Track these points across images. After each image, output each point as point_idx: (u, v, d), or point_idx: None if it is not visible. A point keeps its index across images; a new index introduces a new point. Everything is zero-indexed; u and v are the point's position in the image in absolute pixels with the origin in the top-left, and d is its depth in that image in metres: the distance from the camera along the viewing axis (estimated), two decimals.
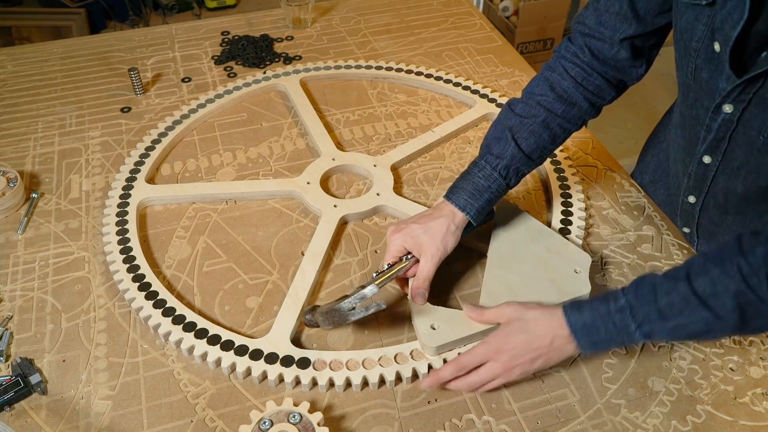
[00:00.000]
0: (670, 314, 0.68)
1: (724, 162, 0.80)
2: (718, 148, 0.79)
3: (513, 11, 2.88)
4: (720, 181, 0.82)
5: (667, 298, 0.68)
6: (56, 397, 0.76)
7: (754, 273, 0.64)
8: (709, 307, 0.66)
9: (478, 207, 0.84)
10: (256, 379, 0.78)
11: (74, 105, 1.24)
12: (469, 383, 0.74)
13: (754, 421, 0.74)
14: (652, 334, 0.69)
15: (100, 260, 0.93)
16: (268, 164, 1.10)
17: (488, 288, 0.84)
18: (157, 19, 3.10)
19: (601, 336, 0.71)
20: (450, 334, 0.78)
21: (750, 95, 0.72)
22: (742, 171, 0.78)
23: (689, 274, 0.68)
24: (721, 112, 0.76)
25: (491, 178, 0.84)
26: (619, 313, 0.70)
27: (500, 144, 0.85)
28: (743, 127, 0.75)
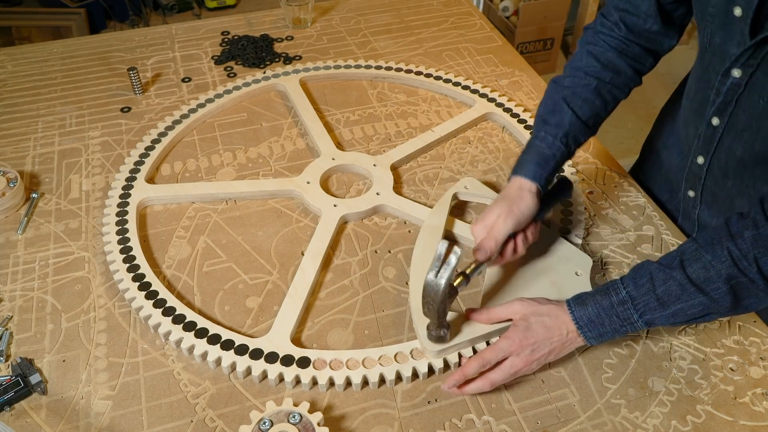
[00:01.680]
0: (669, 301, 0.72)
1: (730, 124, 0.82)
2: (725, 110, 0.82)
3: (513, 11, 2.88)
4: (725, 142, 0.85)
5: (664, 286, 0.73)
6: (56, 397, 0.76)
7: (743, 257, 0.69)
8: (705, 292, 0.71)
9: (547, 174, 0.86)
10: (256, 378, 0.78)
11: (74, 105, 1.24)
12: (492, 380, 0.75)
13: (754, 421, 0.74)
14: (653, 322, 0.74)
15: (100, 260, 0.93)
16: (268, 164, 1.10)
17: (488, 291, 0.84)
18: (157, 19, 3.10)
19: (606, 328, 0.75)
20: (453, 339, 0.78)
21: (758, 60, 0.74)
22: (745, 134, 0.81)
23: (683, 262, 0.73)
24: (730, 77, 0.78)
25: (554, 147, 0.87)
26: (621, 306, 0.74)
27: (556, 115, 0.88)
28: (749, 92, 0.77)
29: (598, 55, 0.90)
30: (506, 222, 0.81)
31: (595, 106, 0.89)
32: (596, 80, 0.89)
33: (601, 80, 0.89)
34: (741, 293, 0.71)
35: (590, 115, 0.89)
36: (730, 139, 0.83)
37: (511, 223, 0.81)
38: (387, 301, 0.87)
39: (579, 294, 0.77)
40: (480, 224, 0.82)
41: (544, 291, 0.83)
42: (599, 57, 0.90)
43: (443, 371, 0.79)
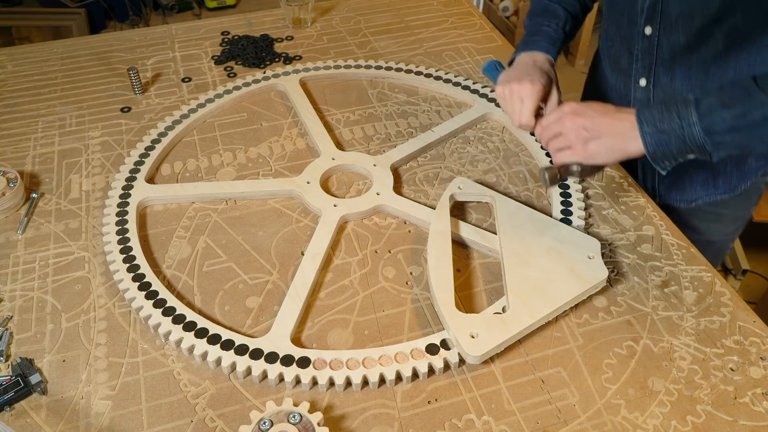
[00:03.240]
0: (732, 103, 0.72)
1: (663, 22, 0.87)
2: (655, 11, 0.87)
3: (513, 11, 2.88)
4: (664, 43, 0.90)
5: (731, 90, 0.73)
6: (56, 397, 0.76)
7: None
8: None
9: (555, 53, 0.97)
10: (256, 378, 0.78)
11: (74, 105, 1.24)
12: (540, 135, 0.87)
13: (754, 421, 0.74)
14: (713, 128, 0.73)
15: (100, 260, 0.93)
16: (268, 164, 1.10)
17: (513, 287, 0.84)
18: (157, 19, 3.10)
19: (664, 126, 0.75)
20: (491, 341, 0.78)
21: None
22: (680, 22, 0.85)
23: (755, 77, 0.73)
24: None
25: (558, 32, 1.00)
26: (684, 105, 0.74)
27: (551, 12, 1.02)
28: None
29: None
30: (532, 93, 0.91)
31: (576, 8, 1.04)
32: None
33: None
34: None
35: (575, 13, 1.03)
36: (667, 37, 0.88)
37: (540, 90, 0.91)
38: (387, 301, 0.87)
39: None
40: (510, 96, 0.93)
41: (564, 279, 0.84)
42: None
43: (443, 371, 0.79)
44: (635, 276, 0.90)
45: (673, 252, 0.93)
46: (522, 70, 0.94)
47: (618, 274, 0.91)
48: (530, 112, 0.92)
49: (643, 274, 0.90)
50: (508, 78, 0.95)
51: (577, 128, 0.80)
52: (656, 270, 0.91)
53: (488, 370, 0.79)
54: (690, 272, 0.91)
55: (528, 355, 0.81)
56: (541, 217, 0.94)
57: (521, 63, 0.96)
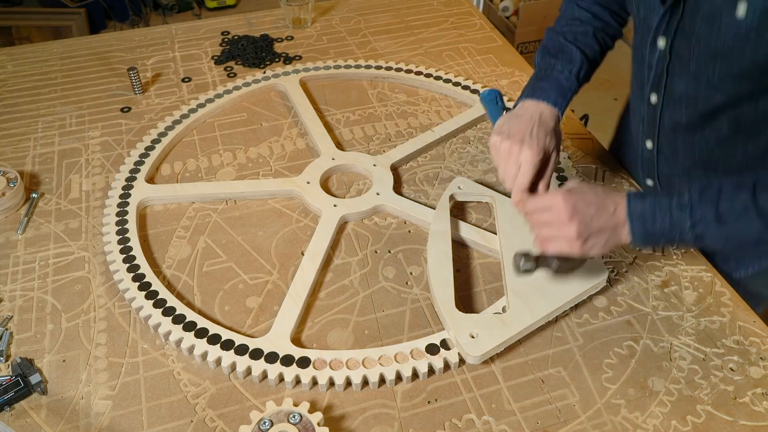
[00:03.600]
0: (727, 219, 0.70)
1: (667, 97, 0.84)
2: (660, 83, 0.83)
3: (513, 11, 2.88)
4: (665, 116, 0.86)
5: (728, 203, 0.70)
6: (56, 397, 0.76)
7: None
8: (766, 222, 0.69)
9: (564, 106, 0.89)
10: (256, 378, 0.78)
11: (74, 105, 1.24)
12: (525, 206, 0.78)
13: (754, 421, 0.74)
14: (703, 236, 0.71)
15: (100, 260, 0.93)
16: (268, 164, 1.10)
17: (513, 287, 0.84)
18: (157, 19, 3.10)
19: (655, 227, 0.72)
20: (491, 341, 0.78)
21: (675, 26, 0.76)
22: (683, 101, 0.82)
23: (755, 186, 0.70)
24: (657, 47, 0.80)
25: (570, 81, 0.91)
26: (679, 209, 0.71)
27: (566, 54, 0.93)
28: (677, 59, 0.79)
29: (587, 7, 0.96)
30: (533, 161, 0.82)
31: (595, 50, 0.94)
32: (592, 27, 0.95)
33: (595, 27, 0.95)
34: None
35: (593, 57, 0.94)
36: (669, 112, 0.85)
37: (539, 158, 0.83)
38: (387, 301, 0.87)
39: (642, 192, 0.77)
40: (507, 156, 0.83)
41: (564, 280, 0.84)
42: (588, 9, 0.96)
43: (443, 371, 0.79)
44: (635, 276, 0.90)
45: (673, 252, 0.93)
46: (525, 126, 0.84)
47: (618, 274, 0.91)
48: (527, 182, 0.83)
49: (643, 274, 0.90)
50: (508, 131, 0.84)
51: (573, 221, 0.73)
52: (656, 270, 0.91)
53: (488, 370, 0.79)
54: (690, 272, 0.90)
55: (528, 355, 0.81)
56: None
57: (526, 114, 0.86)
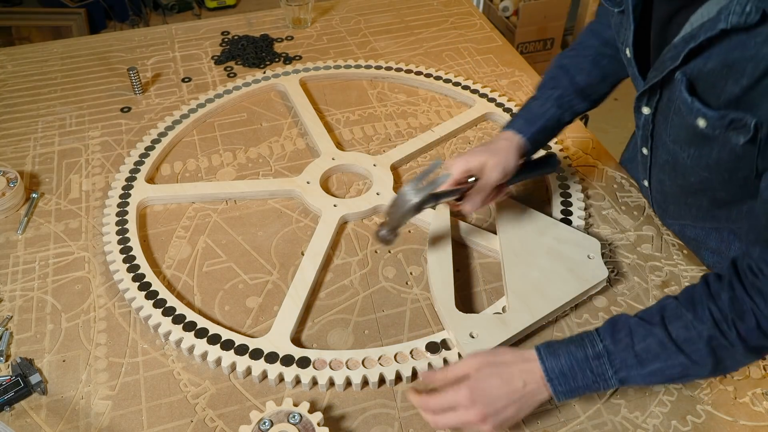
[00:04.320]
0: (648, 359, 0.67)
1: (654, 157, 0.84)
2: (647, 144, 0.84)
3: (513, 11, 2.88)
4: (654, 173, 0.87)
5: (644, 343, 0.68)
6: (56, 397, 0.76)
7: (724, 319, 0.66)
8: (685, 353, 0.67)
9: (534, 131, 0.87)
10: (256, 378, 0.78)
11: (74, 105, 1.24)
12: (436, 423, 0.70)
13: (754, 421, 0.74)
14: (627, 380, 0.68)
15: (100, 260, 0.93)
16: (268, 164, 1.10)
17: (513, 287, 0.84)
18: (157, 19, 3.10)
19: (578, 383, 0.68)
20: (491, 340, 0.78)
21: (655, 102, 0.76)
22: (666, 167, 0.83)
23: (664, 318, 0.68)
24: (642, 113, 0.80)
25: (545, 106, 0.88)
26: (597, 359, 0.68)
27: (554, 80, 0.91)
28: (657, 128, 0.79)
29: (600, 31, 0.92)
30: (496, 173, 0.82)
31: (592, 76, 0.91)
32: (595, 52, 0.91)
33: (601, 53, 0.92)
34: (721, 354, 0.67)
35: (586, 84, 0.91)
36: (656, 170, 0.86)
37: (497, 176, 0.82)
38: (387, 301, 0.87)
39: (549, 342, 0.71)
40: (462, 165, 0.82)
41: (564, 279, 0.84)
42: (601, 33, 0.92)
43: None
44: (635, 276, 0.90)
45: (673, 252, 0.93)
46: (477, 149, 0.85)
47: (618, 274, 0.91)
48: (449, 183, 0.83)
49: (643, 274, 0.90)
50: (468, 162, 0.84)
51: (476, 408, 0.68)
52: (656, 270, 0.91)
53: None
54: (690, 272, 0.90)
55: None
56: (541, 217, 0.94)
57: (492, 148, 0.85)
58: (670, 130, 0.76)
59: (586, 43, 0.93)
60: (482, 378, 0.69)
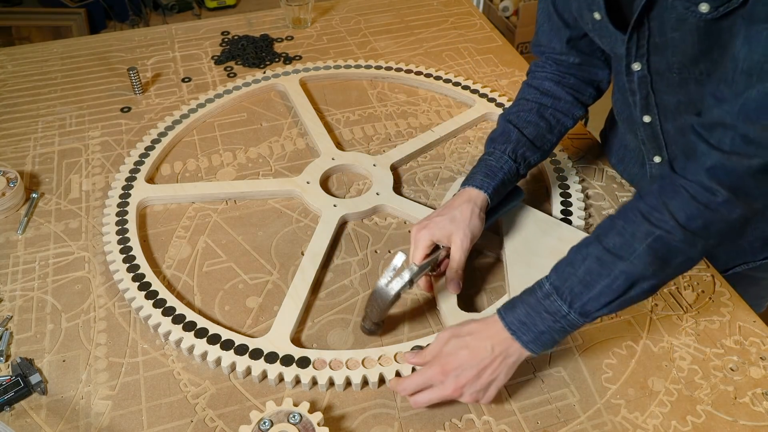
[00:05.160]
0: (592, 280, 0.68)
1: (662, 113, 0.83)
2: (649, 104, 0.82)
3: (513, 11, 2.88)
4: (669, 130, 0.85)
5: (584, 265, 0.69)
6: (56, 397, 0.76)
7: (654, 209, 0.66)
8: (623, 258, 0.67)
9: (494, 186, 0.86)
10: (256, 378, 0.78)
11: (74, 105, 1.24)
12: (416, 402, 0.73)
13: (754, 421, 0.74)
14: (586, 309, 0.69)
15: (100, 260, 0.93)
16: (268, 164, 1.10)
17: (514, 287, 0.84)
18: (157, 19, 3.10)
19: (539, 328, 0.69)
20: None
21: (646, 46, 0.75)
22: (681, 109, 0.81)
23: (599, 236, 0.69)
24: (634, 72, 0.79)
25: (502, 160, 0.88)
26: (548, 299, 0.69)
27: (504, 135, 0.91)
28: (657, 76, 0.78)
29: (537, 85, 0.94)
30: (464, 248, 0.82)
31: (540, 127, 0.91)
32: (537, 104, 0.92)
33: (541, 104, 0.92)
34: (662, 251, 0.66)
35: (536, 135, 0.91)
36: (671, 124, 0.84)
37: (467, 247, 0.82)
38: None
39: (510, 299, 0.73)
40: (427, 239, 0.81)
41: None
42: (538, 87, 0.94)
43: None
44: None
45: None
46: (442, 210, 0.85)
47: None
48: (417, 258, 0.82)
49: None
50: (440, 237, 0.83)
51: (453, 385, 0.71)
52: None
53: None
54: (690, 272, 0.90)
55: None
56: (543, 217, 0.94)
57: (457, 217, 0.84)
58: (672, 58, 0.74)
59: (527, 97, 0.94)
60: (450, 352, 0.71)
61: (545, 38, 0.93)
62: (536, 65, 0.96)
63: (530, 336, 0.70)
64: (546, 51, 0.94)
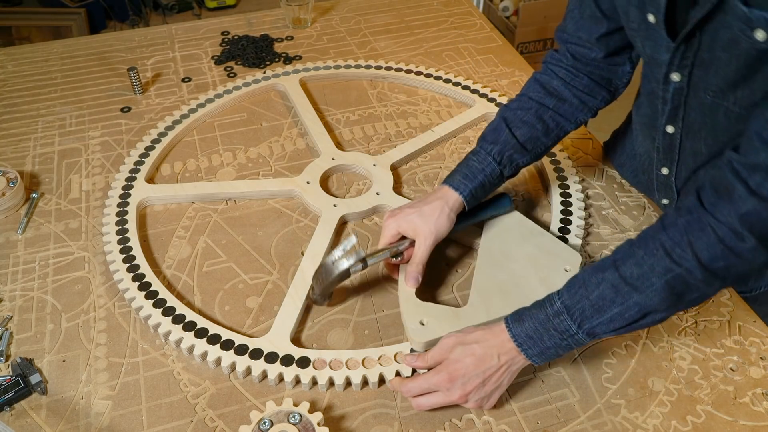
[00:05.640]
0: (604, 306, 0.68)
1: (686, 128, 0.82)
2: (677, 116, 0.81)
3: (513, 11, 2.88)
4: (686, 146, 0.84)
5: (598, 290, 0.69)
6: (56, 397, 0.76)
7: (677, 245, 0.65)
8: (639, 290, 0.67)
9: (472, 188, 0.86)
10: (256, 378, 0.78)
11: (74, 105, 1.24)
12: (419, 405, 0.74)
13: (754, 421, 0.74)
14: (594, 332, 0.70)
15: (100, 260, 0.93)
16: (268, 164, 1.10)
17: (477, 285, 0.84)
18: (157, 19, 3.10)
19: (546, 344, 0.70)
20: (438, 330, 0.78)
21: (691, 59, 0.73)
22: (702, 133, 0.80)
23: (616, 262, 0.69)
24: (671, 82, 0.77)
25: (485, 162, 0.87)
26: (557, 317, 0.70)
27: (494, 133, 0.90)
28: (693, 91, 0.76)
29: (545, 82, 0.91)
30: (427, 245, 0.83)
31: (535, 129, 0.89)
32: (538, 104, 0.90)
33: (543, 105, 0.90)
34: (678, 287, 0.66)
35: (528, 138, 0.89)
36: (690, 143, 0.83)
37: (431, 244, 0.83)
38: (387, 301, 0.87)
39: (518, 309, 0.74)
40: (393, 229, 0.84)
41: (532, 287, 0.83)
42: (545, 84, 0.91)
43: None
44: None
45: None
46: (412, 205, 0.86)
47: None
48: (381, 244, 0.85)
49: None
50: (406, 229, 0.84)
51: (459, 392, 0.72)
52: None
53: None
54: None
55: None
56: (529, 224, 0.93)
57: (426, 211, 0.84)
58: (713, 78, 0.72)
59: (530, 95, 0.91)
60: (457, 359, 0.72)
61: (572, 26, 0.89)
62: (552, 57, 0.92)
63: (536, 350, 0.71)
64: (570, 40, 0.90)
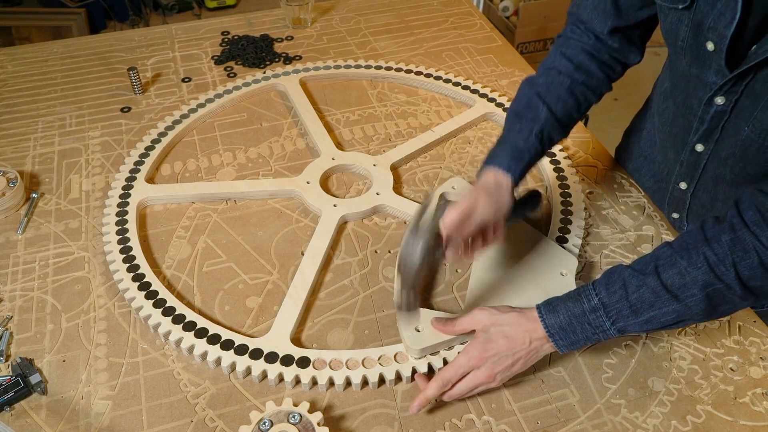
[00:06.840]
0: (642, 308, 0.70)
1: (715, 151, 0.82)
2: (711, 137, 0.81)
3: (513, 11, 2.88)
4: (710, 169, 0.85)
5: (637, 293, 0.70)
6: (56, 397, 0.76)
7: (720, 262, 0.67)
8: (679, 299, 0.69)
9: (520, 170, 0.82)
10: (256, 378, 0.78)
11: (74, 105, 1.24)
12: (451, 395, 0.74)
13: (754, 421, 0.74)
14: (626, 329, 0.72)
15: (100, 260, 0.93)
16: (268, 164, 1.10)
17: (473, 290, 0.84)
18: (157, 19, 3.10)
19: (578, 336, 0.73)
20: (434, 337, 0.78)
21: (742, 87, 0.73)
22: (730, 160, 0.81)
23: (658, 268, 0.70)
24: (714, 105, 0.78)
25: (529, 142, 0.83)
26: (593, 313, 0.72)
27: (531, 110, 0.85)
28: (735, 118, 0.77)
29: (571, 56, 0.89)
30: (485, 208, 0.76)
31: (569, 105, 0.87)
32: (570, 79, 0.87)
33: (574, 80, 0.88)
34: (716, 300, 0.68)
35: (563, 114, 0.86)
36: (714, 165, 0.84)
37: (489, 211, 0.76)
38: (387, 301, 0.87)
39: (550, 299, 0.75)
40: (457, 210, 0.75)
41: (527, 291, 0.83)
42: (572, 58, 0.88)
43: None
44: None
45: None
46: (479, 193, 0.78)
47: None
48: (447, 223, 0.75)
49: None
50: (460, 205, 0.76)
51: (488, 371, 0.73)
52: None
53: None
54: None
55: None
56: (526, 228, 0.93)
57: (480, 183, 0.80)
58: (758, 114, 0.72)
59: (560, 68, 0.88)
60: (491, 338, 0.74)
61: (587, 15, 0.88)
62: (572, 32, 0.90)
63: (566, 341, 0.73)
64: (587, 26, 0.89)
